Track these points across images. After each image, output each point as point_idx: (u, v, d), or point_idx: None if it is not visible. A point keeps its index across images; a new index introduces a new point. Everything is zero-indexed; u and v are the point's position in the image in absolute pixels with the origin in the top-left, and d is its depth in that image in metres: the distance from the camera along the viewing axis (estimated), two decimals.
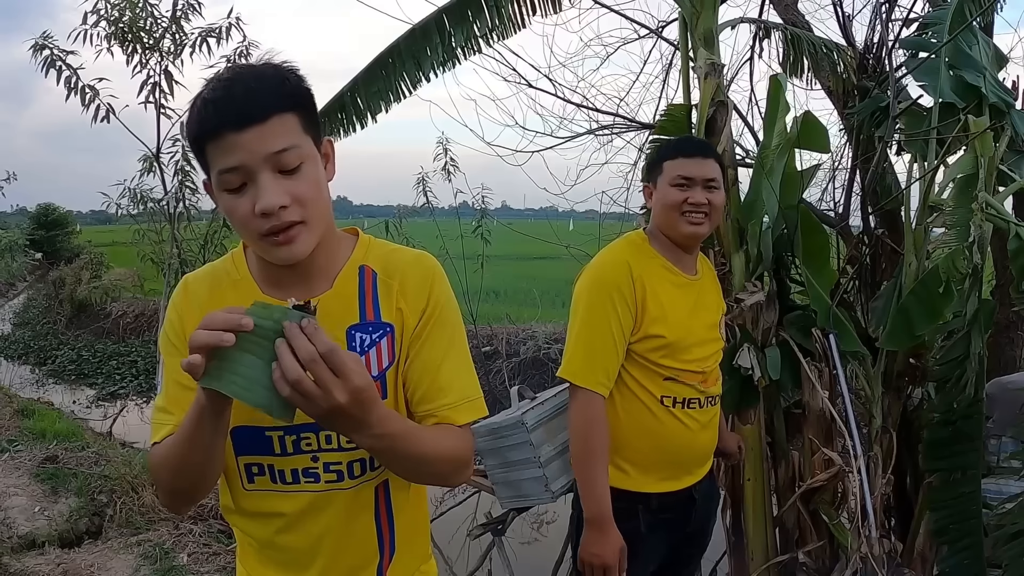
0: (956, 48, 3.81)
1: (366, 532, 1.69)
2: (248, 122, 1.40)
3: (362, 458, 1.61)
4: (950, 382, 3.52)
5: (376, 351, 1.60)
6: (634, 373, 2.67)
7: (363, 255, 1.65)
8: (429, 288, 1.64)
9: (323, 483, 1.61)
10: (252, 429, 1.59)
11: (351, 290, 1.62)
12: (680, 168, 2.67)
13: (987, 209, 3.30)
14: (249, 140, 1.40)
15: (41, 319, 21.76)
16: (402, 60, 4.57)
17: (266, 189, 1.42)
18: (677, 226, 2.68)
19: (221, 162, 1.43)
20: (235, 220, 1.48)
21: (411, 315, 1.62)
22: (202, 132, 1.44)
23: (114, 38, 6.16)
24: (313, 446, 1.59)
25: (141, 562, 5.28)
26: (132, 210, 6.92)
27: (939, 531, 3.69)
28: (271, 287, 1.61)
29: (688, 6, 3.86)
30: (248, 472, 1.63)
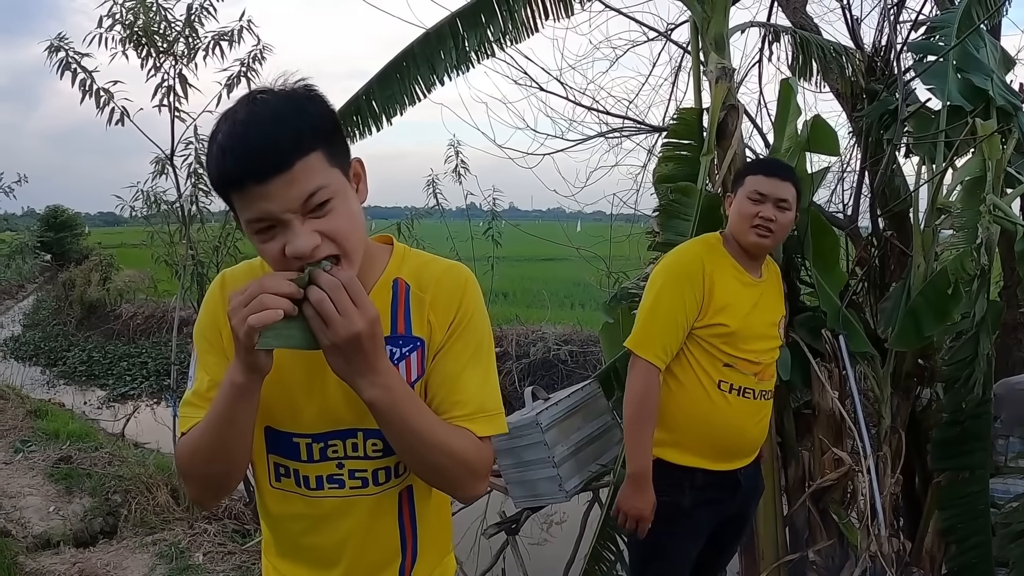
0: (964, 51, 3.84)
1: (389, 535, 1.70)
2: (271, 173, 1.36)
3: (387, 466, 1.64)
4: (959, 382, 3.55)
5: (405, 365, 1.60)
6: (698, 355, 2.90)
7: (397, 267, 1.65)
8: (459, 299, 1.63)
9: (347, 489, 1.63)
10: (281, 434, 1.62)
11: (383, 304, 1.60)
12: (758, 184, 2.90)
13: (995, 211, 3.33)
14: (274, 191, 1.37)
15: (51, 320, 21.80)
16: (416, 64, 4.60)
17: (296, 234, 1.39)
18: (746, 235, 2.91)
19: (247, 212, 1.41)
20: (267, 260, 1.46)
21: (439, 327, 1.62)
22: (223, 182, 1.42)
23: (129, 41, 6.19)
24: (339, 453, 1.62)
25: (157, 561, 5.32)
26: (145, 212, 6.95)
27: (947, 530, 3.72)
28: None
29: (699, 10, 3.90)
30: (276, 470, 1.65)
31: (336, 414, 1.60)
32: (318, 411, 1.60)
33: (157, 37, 6.20)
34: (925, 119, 3.92)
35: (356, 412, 1.57)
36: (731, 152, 3.74)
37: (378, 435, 1.59)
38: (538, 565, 4.71)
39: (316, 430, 1.60)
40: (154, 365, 15.14)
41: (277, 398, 1.59)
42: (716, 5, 3.87)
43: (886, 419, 3.81)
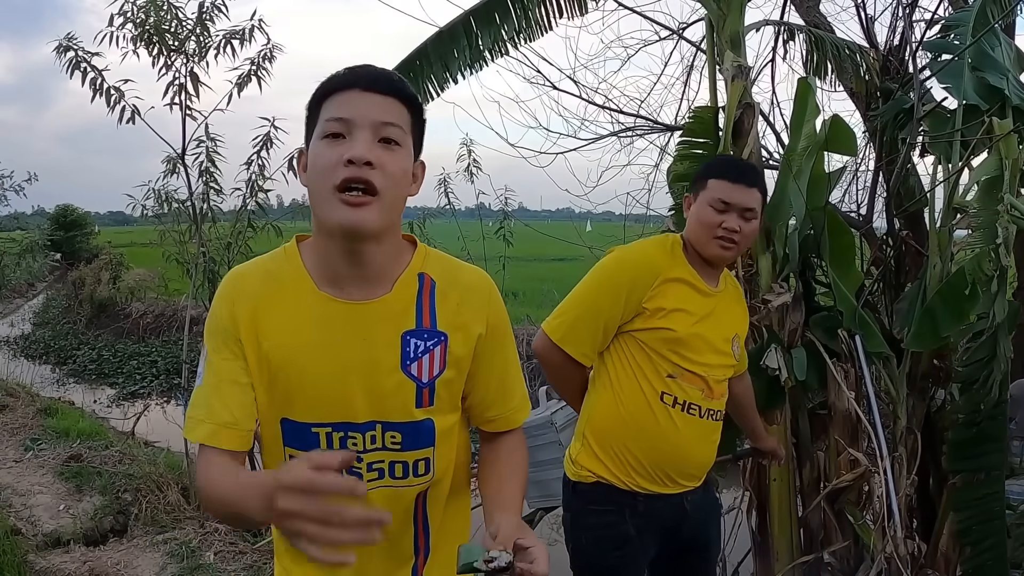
0: (979, 50, 3.81)
1: (403, 533, 1.73)
2: (374, 88, 1.53)
3: (405, 460, 1.67)
4: (976, 383, 3.53)
5: (429, 358, 1.65)
6: (640, 362, 2.71)
7: (421, 263, 1.69)
8: (490, 304, 1.74)
9: (364, 480, 1.63)
10: (298, 424, 1.63)
11: (409, 296, 1.65)
12: (721, 191, 2.69)
13: (1012, 211, 3.31)
14: (367, 101, 1.52)
15: (61, 319, 21.92)
16: (430, 63, 4.59)
17: (360, 141, 1.50)
18: (706, 246, 2.72)
19: (334, 110, 1.53)
20: (318, 167, 1.52)
21: (469, 331, 1.69)
22: (330, 87, 1.56)
23: (140, 40, 6.19)
24: (359, 446, 1.63)
25: (167, 560, 5.32)
26: (156, 211, 6.96)
27: (962, 532, 3.70)
28: (328, 284, 1.62)
29: (715, 8, 3.88)
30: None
31: (356, 406, 1.62)
32: (339, 402, 1.61)
33: (168, 35, 6.20)
34: (940, 118, 3.89)
35: (376, 406, 1.62)
36: (747, 151, 3.72)
37: (398, 428, 1.64)
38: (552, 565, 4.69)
39: (333, 420, 1.62)
40: (164, 364, 15.20)
41: (298, 389, 1.61)
42: (732, 3, 3.85)
43: (902, 420, 3.79)
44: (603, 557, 2.78)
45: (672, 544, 2.87)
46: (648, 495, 2.76)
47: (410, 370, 1.63)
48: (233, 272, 1.70)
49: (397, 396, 1.63)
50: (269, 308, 1.61)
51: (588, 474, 2.78)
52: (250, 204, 6.73)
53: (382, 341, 1.62)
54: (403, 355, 1.63)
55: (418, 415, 1.66)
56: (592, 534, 2.79)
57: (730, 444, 3.83)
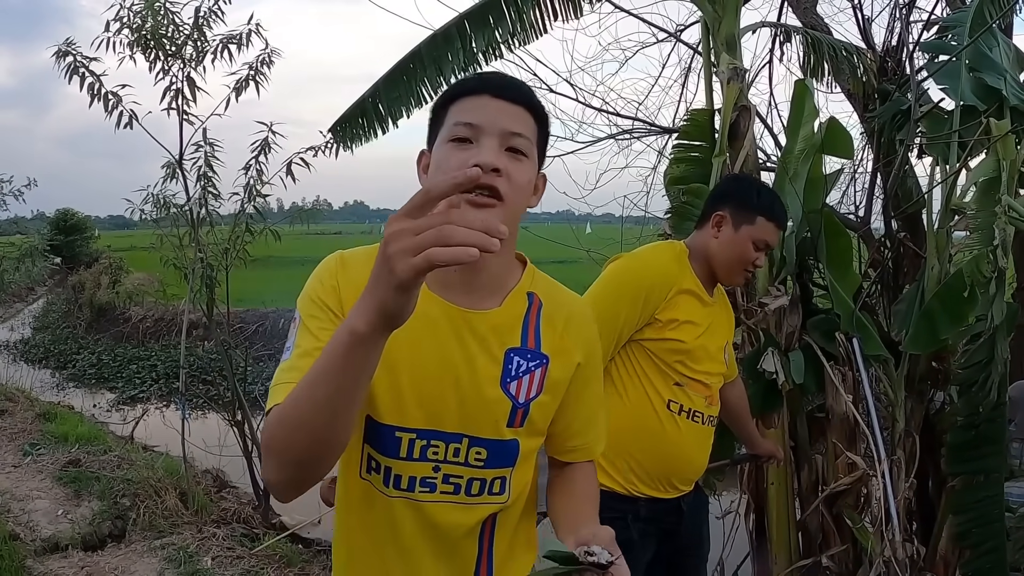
0: (976, 50, 3.80)
1: (468, 555, 1.67)
2: (503, 96, 1.52)
3: (483, 478, 1.61)
4: (974, 385, 3.52)
5: (528, 379, 1.61)
6: (649, 372, 2.73)
7: (530, 282, 1.67)
8: (591, 332, 1.73)
9: (438, 493, 1.59)
10: (383, 427, 1.57)
11: (517, 313, 1.63)
12: (769, 235, 2.76)
13: (1009, 212, 3.29)
14: (496, 108, 1.51)
15: (61, 323, 21.90)
16: (424, 66, 4.58)
17: (488, 148, 1.48)
18: (733, 276, 2.81)
19: (463, 115, 1.52)
20: (444, 170, 1.50)
21: (574, 356, 1.66)
22: (459, 91, 1.56)
23: (136, 45, 6.18)
24: (439, 456, 1.58)
25: (165, 565, 5.31)
26: (155, 215, 6.95)
27: (962, 535, 3.68)
28: (439, 287, 1.58)
29: (710, 11, 3.87)
30: (368, 462, 1.60)
31: (447, 414, 1.57)
32: (430, 407, 1.56)
33: (165, 40, 6.19)
34: (938, 119, 3.88)
35: (467, 418, 1.57)
36: (743, 153, 3.72)
37: (485, 445, 1.59)
38: None
39: (421, 426, 1.56)
40: (163, 368, 15.17)
41: (390, 386, 1.55)
42: (727, 5, 3.85)
43: (900, 423, 3.78)
44: None
45: (668, 546, 2.89)
46: (649, 500, 2.77)
47: (509, 388, 1.59)
48: (340, 255, 1.63)
49: (491, 412, 1.59)
50: None
51: None
52: (248, 209, 6.72)
53: (487, 354, 1.58)
54: (504, 371, 1.59)
55: (507, 434, 1.61)
56: None
57: (728, 449, 3.83)
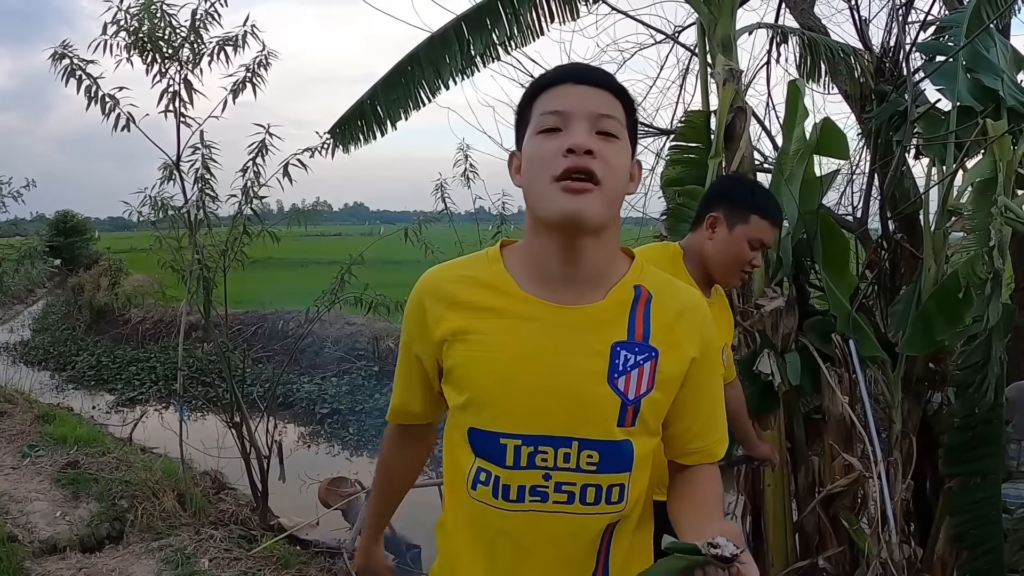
0: (973, 51, 3.80)
1: (585, 569, 1.61)
2: (587, 81, 1.52)
3: (598, 484, 1.55)
4: (971, 387, 3.51)
5: (638, 373, 1.54)
6: None
7: (638, 276, 1.61)
8: (706, 327, 1.63)
9: (551, 503, 1.54)
10: (487, 434, 1.55)
11: (623, 305, 1.56)
12: (764, 233, 2.72)
13: (1006, 213, 3.29)
14: (581, 93, 1.50)
15: (60, 325, 21.86)
16: (422, 68, 4.58)
17: (579, 131, 1.46)
18: (730, 278, 2.77)
19: (548, 104, 1.51)
20: (536, 161, 1.49)
21: (682, 352, 1.58)
22: (541, 84, 1.55)
23: (134, 48, 6.18)
24: (548, 463, 1.52)
25: (162, 567, 5.30)
26: (152, 218, 6.94)
27: (959, 536, 3.68)
28: (537, 286, 1.56)
29: (706, 12, 3.87)
30: (476, 477, 1.57)
31: (553, 417, 1.52)
32: (535, 411, 1.52)
33: (162, 43, 6.18)
34: (935, 120, 3.88)
35: (575, 419, 1.52)
36: (739, 155, 3.72)
37: (595, 447, 1.53)
38: None
39: (526, 431, 1.52)
40: (163, 370, 15.13)
41: (491, 394, 1.54)
42: (723, 6, 3.85)
43: (897, 424, 3.78)
44: None
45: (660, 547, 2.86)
46: None
47: (617, 384, 1.52)
48: (429, 274, 1.65)
49: (599, 411, 1.52)
50: (466, 311, 1.57)
51: None
52: (246, 211, 6.71)
53: (590, 349, 1.53)
54: (611, 367, 1.52)
55: (618, 434, 1.53)
56: None
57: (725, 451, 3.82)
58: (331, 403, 12.52)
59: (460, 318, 1.56)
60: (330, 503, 5.90)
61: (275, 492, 7.02)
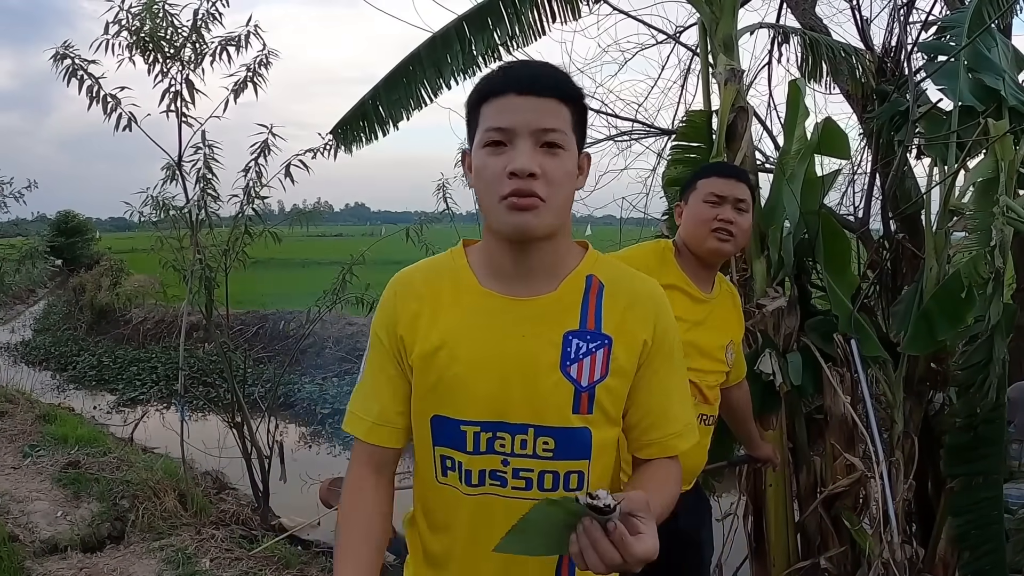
0: (975, 51, 3.80)
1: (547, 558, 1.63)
2: (530, 91, 1.51)
3: (555, 471, 1.59)
4: (973, 387, 3.51)
5: (590, 361, 1.59)
6: None
7: (591, 266, 1.66)
8: (660, 314, 1.66)
9: (510, 488, 1.59)
10: (448, 421, 1.60)
11: (575, 296, 1.62)
12: (713, 186, 2.72)
13: (1008, 213, 3.29)
14: (524, 106, 1.50)
15: (61, 325, 21.89)
16: (423, 68, 4.58)
17: (522, 152, 1.49)
18: (705, 241, 2.71)
19: (493, 120, 1.52)
20: (484, 178, 1.54)
21: (639, 335, 1.62)
22: (488, 91, 1.55)
23: (135, 47, 6.18)
24: (506, 448, 1.58)
25: (163, 567, 5.31)
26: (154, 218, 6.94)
27: (960, 536, 3.67)
28: (493, 280, 1.63)
29: (707, 12, 3.87)
30: (443, 464, 1.63)
31: (510, 405, 1.57)
32: (493, 398, 1.57)
33: (164, 43, 6.19)
34: (936, 120, 3.88)
35: (530, 407, 1.57)
36: (741, 154, 3.71)
37: (551, 434, 1.57)
38: None
39: (485, 418, 1.57)
40: (164, 370, 15.15)
41: (454, 382, 1.59)
42: (724, 6, 3.85)
43: (899, 424, 3.77)
44: None
45: (664, 547, 2.84)
46: None
47: (569, 371, 1.57)
48: (400, 272, 1.72)
49: (553, 398, 1.57)
50: (431, 305, 1.63)
51: None
52: (247, 211, 6.71)
53: (543, 339, 1.58)
54: (563, 355, 1.57)
55: (574, 421, 1.58)
56: None
57: (727, 451, 3.82)
58: (332, 403, 12.52)
59: (425, 309, 1.63)
60: (331, 503, 5.88)
61: (276, 492, 7.03)
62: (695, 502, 2.93)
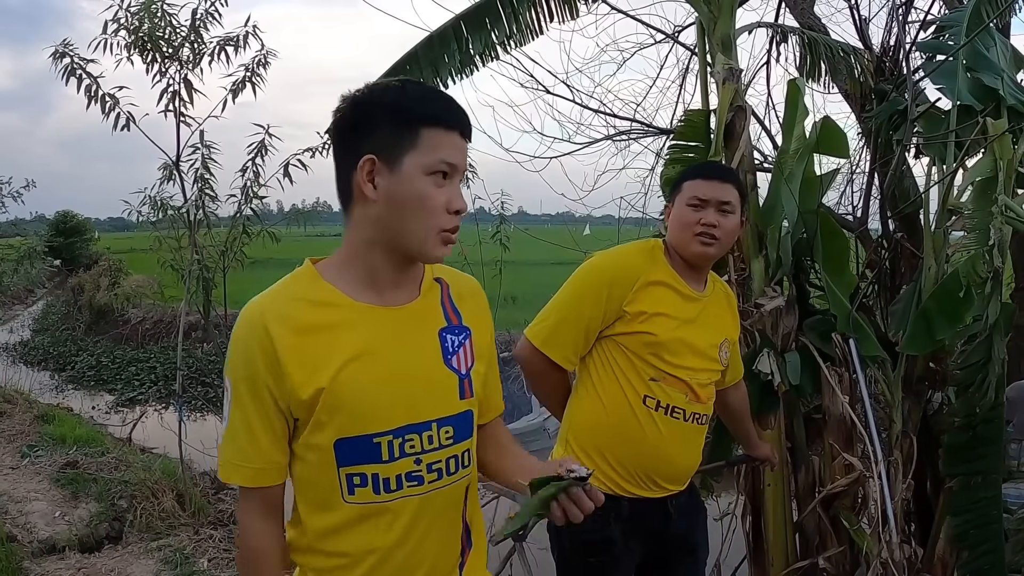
0: (973, 50, 3.79)
1: (455, 530, 1.81)
2: (468, 137, 1.67)
3: (456, 454, 1.75)
4: (971, 386, 3.50)
5: (463, 351, 1.78)
6: (623, 366, 2.70)
7: (432, 270, 1.81)
8: (487, 307, 1.92)
9: (426, 484, 1.70)
10: (358, 439, 1.65)
11: (435, 298, 1.79)
12: (696, 189, 2.70)
13: (1006, 212, 3.28)
14: (465, 150, 1.66)
15: (60, 325, 21.90)
16: (420, 67, 4.56)
17: (459, 195, 1.66)
18: (688, 245, 2.71)
19: (448, 154, 1.62)
20: (427, 207, 1.61)
21: (484, 328, 1.86)
22: (440, 119, 1.62)
23: (134, 47, 6.18)
24: (416, 448, 1.69)
25: (161, 567, 5.31)
26: (152, 217, 6.95)
27: (959, 536, 3.67)
28: (365, 293, 1.69)
29: (705, 11, 3.87)
30: (350, 483, 1.66)
31: (415, 408, 1.68)
32: (399, 406, 1.67)
33: (162, 42, 6.19)
34: (935, 119, 3.87)
35: (430, 403, 1.71)
36: (739, 154, 3.71)
37: (449, 422, 1.73)
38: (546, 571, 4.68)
39: (395, 425, 1.66)
40: (163, 370, 15.14)
41: (355, 402, 1.63)
42: (722, 5, 3.84)
43: (897, 424, 3.76)
44: (588, 562, 2.76)
45: (658, 548, 2.84)
46: (632, 499, 2.73)
47: (452, 363, 1.75)
48: (252, 307, 1.67)
49: (445, 390, 1.73)
50: (309, 332, 1.63)
51: None
52: (245, 210, 6.72)
53: (425, 339, 1.73)
54: (443, 351, 1.74)
55: (462, 406, 1.76)
56: (577, 539, 2.75)
57: (726, 450, 3.82)
58: None
59: (309, 340, 1.63)
60: None
61: None
62: (688, 502, 2.92)
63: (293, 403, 1.62)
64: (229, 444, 1.68)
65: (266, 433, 1.64)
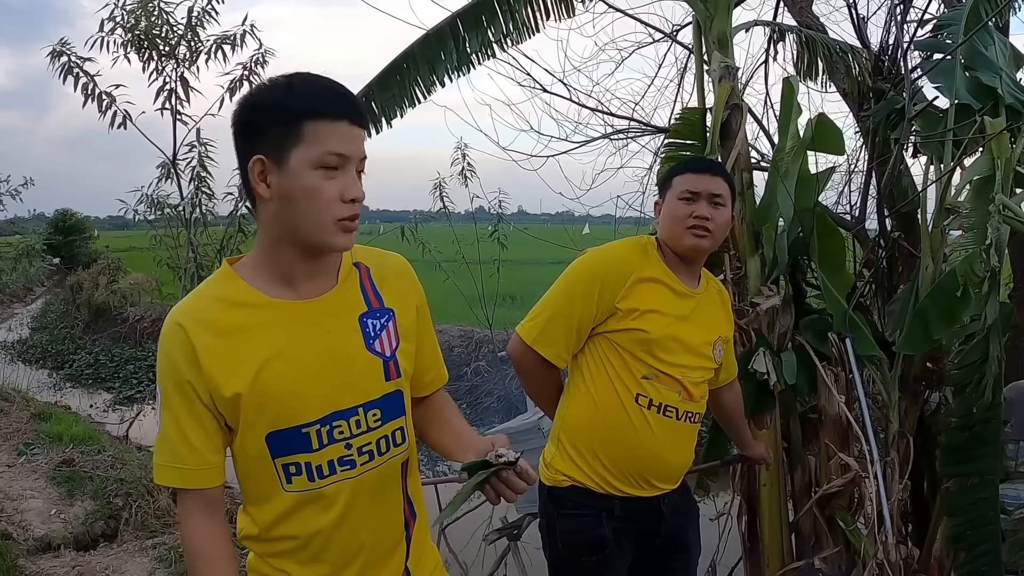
0: (972, 49, 3.78)
1: (397, 506, 1.86)
2: (360, 123, 1.67)
3: (386, 434, 1.79)
4: (969, 386, 3.49)
5: (386, 334, 1.80)
6: (615, 364, 2.69)
7: (351, 255, 1.83)
8: (416, 281, 1.94)
9: (359, 467, 1.75)
10: (288, 431, 1.70)
11: (354, 284, 1.81)
12: (687, 183, 2.70)
13: (1004, 211, 3.27)
14: (357, 137, 1.66)
15: (58, 324, 21.89)
16: (416, 66, 4.56)
17: (356, 182, 1.67)
18: (681, 239, 2.70)
19: (335, 144, 1.62)
20: (320, 199, 1.63)
21: (408, 306, 1.87)
22: (322, 110, 1.62)
23: (131, 45, 6.18)
24: (345, 433, 1.73)
25: (156, 565, 5.31)
26: (149, 216, 6.94)
27: (956, 537, 3.65)
28: (280, 289, 1.73)
29: (702, 9, 3.86)
30: (287, 472, 1.72)
31: (339, 396, 1.73)
32: (323, 396, 1.71)
33: (159, 40, 6.18)
34: (933, 118, 3.85)
35: (355, 390, 1.75)
36: (735, 152, 3.70)
37: (376, 405, 1.77)
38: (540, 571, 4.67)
39: (321, 415, 1.71)
40: None
41: (281, 397, 1.68)
42: (719, 4, 3.83)
43: (894, 424, 3.75)
44: (580, 562, 2.75)
45: (650, 547, 2.83)
46: (624, 498, 2.72)
47: (375, 348, 1.78)
48: (178, 311, 1.73)
49: (369, 375, 1.76)
50: (230, 334, 1.68)
51: (563, 478, 2.75)
52: (242, 209, 6.71)
53: (344, 327, 1.76)
54: (365, 336, 1.77)
55: (389, 388, 1.79)
56: (569, 538, 2.75)
57: (722, 450, 3.81)
58: None
59: (229, 341, 1.67)
60: None
61: None
62: (680, 502, 2.91)
63: (217, 400, 1.67)
64: (163, 446, 1.70)
65: (197, 432, 1.68)
